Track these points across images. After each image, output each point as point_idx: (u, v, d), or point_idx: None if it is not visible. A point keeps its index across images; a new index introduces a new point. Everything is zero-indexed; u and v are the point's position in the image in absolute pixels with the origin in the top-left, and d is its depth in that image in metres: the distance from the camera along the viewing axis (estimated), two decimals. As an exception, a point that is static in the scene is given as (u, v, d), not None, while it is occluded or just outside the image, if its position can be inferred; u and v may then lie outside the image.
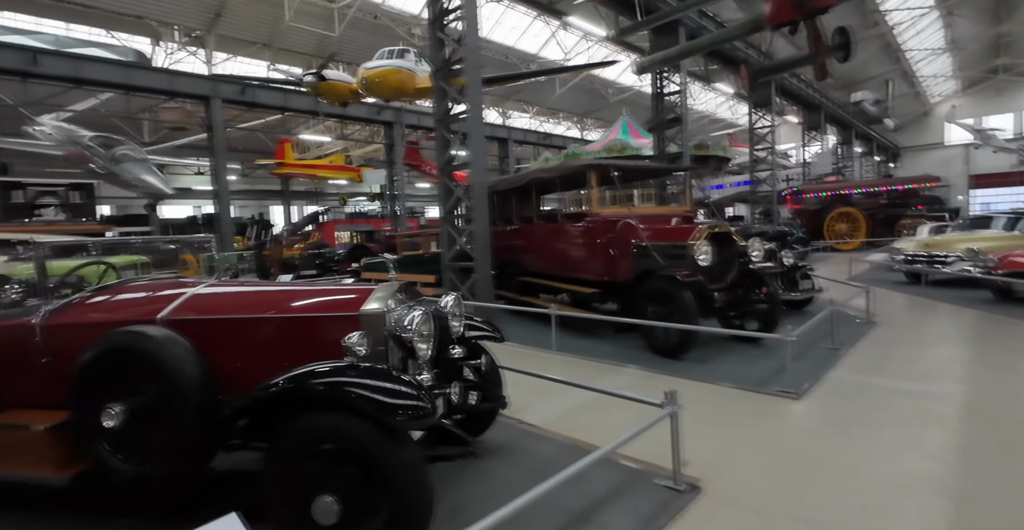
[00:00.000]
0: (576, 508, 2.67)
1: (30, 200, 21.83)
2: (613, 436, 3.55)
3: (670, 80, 13.18)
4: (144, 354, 2.32)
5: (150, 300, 2.75)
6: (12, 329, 2.67)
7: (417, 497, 2.06)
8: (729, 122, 37.94)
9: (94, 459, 2.43)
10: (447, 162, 8.51)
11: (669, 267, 5.52)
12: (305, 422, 2.14)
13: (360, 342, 2.22)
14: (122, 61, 15.72)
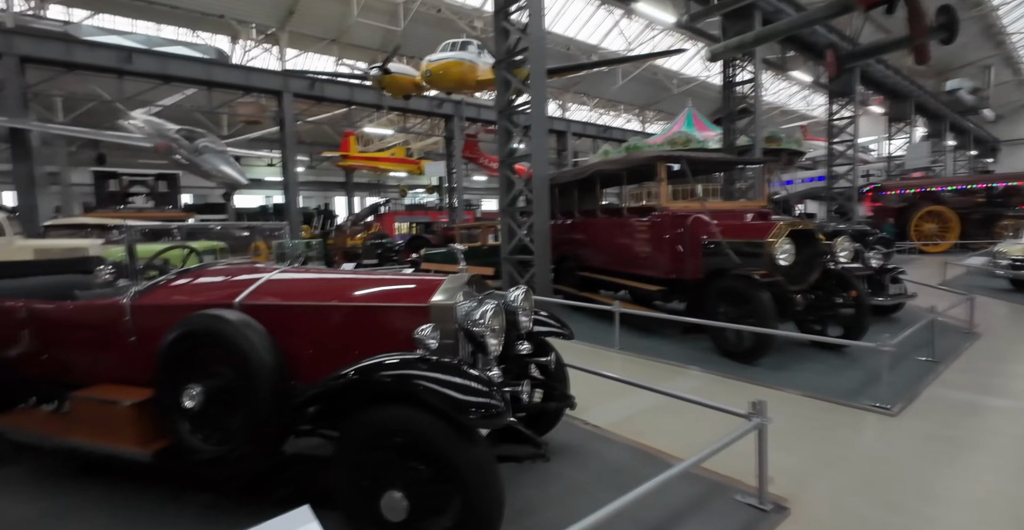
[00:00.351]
0: (651, 521, 2.50)
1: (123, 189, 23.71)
2: (685, 442, 3.37)
3: (742, 68, 12.46)
4: (222, 337, 2.35)
5: (228, 284, 2.81)
6: (104, 308, 2.80)
7: (487, 499, 1.96)
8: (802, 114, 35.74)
9: (174, 437, 2.50)
10: (508, 154, 8.41)
11: (744, 266, 5.17)
12: (376, 414, 2.09)
13: (432, 335, 2.14)
14: (204, 58, 16.65)
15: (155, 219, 17.63)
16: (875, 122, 30.39)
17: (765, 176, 6.55)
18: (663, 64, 26.93)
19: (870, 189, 19.89)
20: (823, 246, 5.29)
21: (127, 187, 23.37)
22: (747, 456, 2.73)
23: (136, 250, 2.85)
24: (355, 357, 2.51)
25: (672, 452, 3.27)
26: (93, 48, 14.63)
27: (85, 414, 2.65)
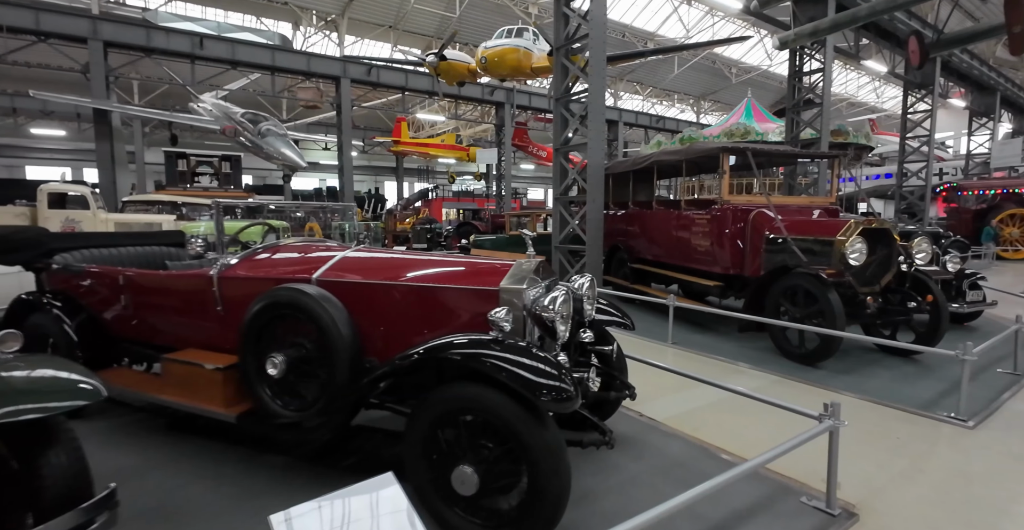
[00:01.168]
0: (714, 517, 2.47)
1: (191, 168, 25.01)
2: (745, 441, 3.31)
3: (812, 57, 11.84)
4: (304, 310, 2.47)
5: (305, 260, 2.94)
6: (193, 278, 2.99)
7: (555, 482, 1.99)
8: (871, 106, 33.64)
9: (256, 401, 2.65)
10: (564, 142, 8.34)
11: (811, 264, 4.96)
12: (450, 391, 2.15)
13: (506, 317, 2.18)
14: (269, 44, 17.25)
15: (219, 198, 18.59)
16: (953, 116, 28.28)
17: (835, 171, 6.22)
18: (723, 52, 25.88)
19: (945, 188, 18.58)
20: (899, 247, 5.00)
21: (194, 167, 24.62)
22: (812, 458, 2.65)
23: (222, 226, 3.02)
24: (424, 336, 2.61)
25: (731, 450, 3.21)
26: (169, 34, 15.41)
27: (176, 375, 2.85)
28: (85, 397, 1.81)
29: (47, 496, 1.76)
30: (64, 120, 25.58)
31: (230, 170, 25.49)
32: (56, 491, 1.77)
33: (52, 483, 1.76)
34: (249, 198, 24.08)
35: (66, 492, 1.78)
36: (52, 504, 1.76)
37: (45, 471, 1.76)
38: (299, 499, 2.55)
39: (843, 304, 4.65)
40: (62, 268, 3.51)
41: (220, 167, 25.22)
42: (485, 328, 2.40)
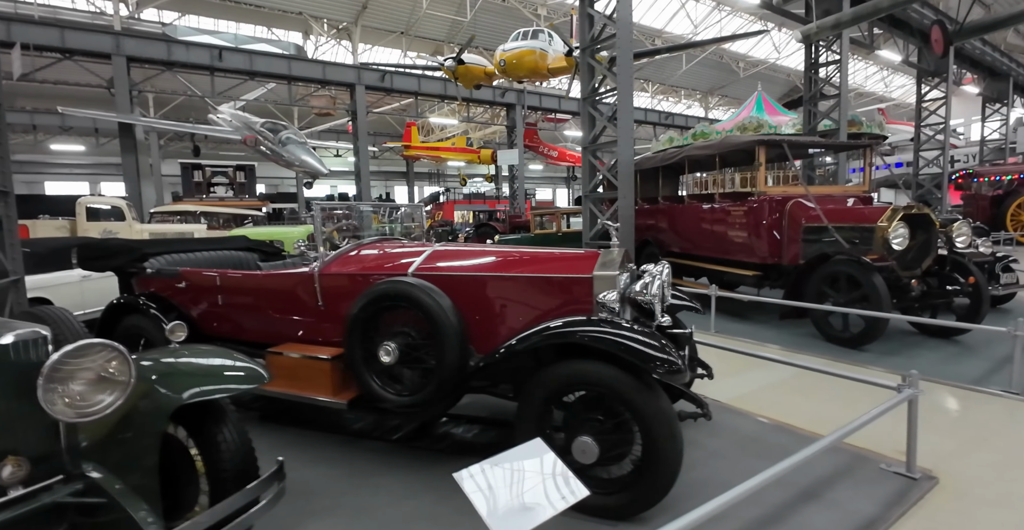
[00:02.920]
0: (802, 484, 2.64)
1: (207, 179, 25.37)
2: (809, 416, 3.48)
3: (829, 49, 11.95)
4: (413, 300, 2.66)
5: (398, 255, 3.13)
6: (296, 277, 3.19)
7: (671, 446, 2.17)
8: (879, 96, 33.58)
9: (364, 387, 2.84)
10: (592, 141, 8.51)
11: (853, 250, 5.11)
12: (565, 369, 2.33)
13: (616, 300, 2.36)
14: (285, 54, 17.55)
15: (235, 207, 18.92)
16: (965, 103, 28.19)
17: (868, 161, 6.36)
18: (730, 46, 25.97)
19: (961, 175, 18.59)
20: (939, 231, 5.14)
21: (210, 177, 25.03)
22: (879, 429, 2.79)
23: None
24: (520, 323, 2.80)
25: (797, 424, 3.38)
26: (189, 47, 15.73)
27: (283, 368, 3.04)
28: (254, 381, 2.00)
29: (221, 474, 1.96)
30: (82, 135, 26.05)
31: (244, 179, 25.89)
32: (229, 468, 1.96)
33: (226, 461, 1.96)
34: (264, 206, 24.44)
35: (237, 469, 1.98)
36: (226, 481, 1.95)
37: (220, 450, 1.96)
38: (408, 478, 2.78)
39: (887, 288, 4.80)
40: (156, 272, 3.73)
41: (235, 177, 25.62)
42: (576, 313, 2.59)
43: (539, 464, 1.77)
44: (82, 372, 1.62)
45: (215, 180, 25.15)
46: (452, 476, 2.34)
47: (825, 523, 2.34)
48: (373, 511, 2.48)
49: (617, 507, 2.29)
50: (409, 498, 2.58)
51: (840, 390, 3.88)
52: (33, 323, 1.69)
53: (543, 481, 1.70)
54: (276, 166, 31.56)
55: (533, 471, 1.74)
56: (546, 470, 1.73)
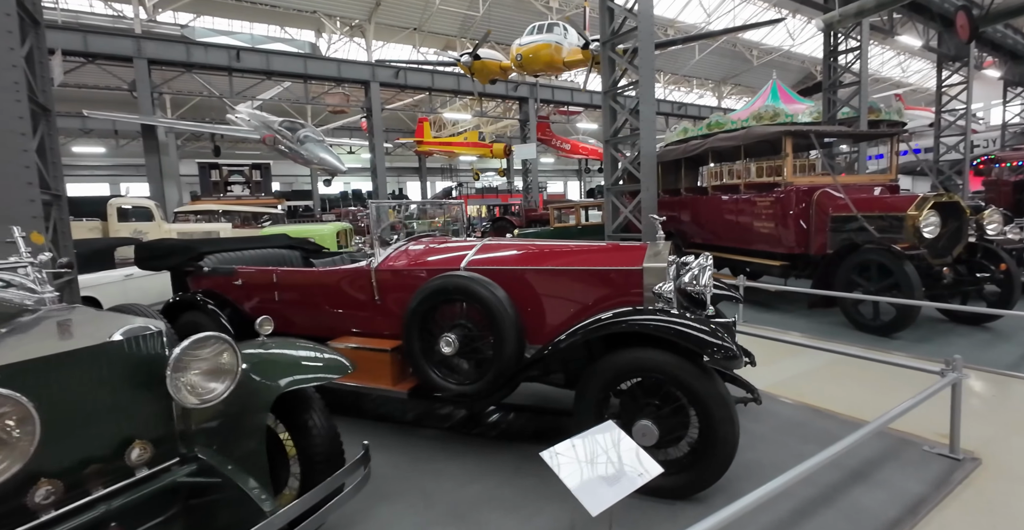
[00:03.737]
0: (849, 465, 2.74)
1: (224, 178, 25.72)
2: (846, 401, 3.57)
3: (849, 36, 11.84)
4: (471, 294, 2.78)
5: (449, 250, 3.26)
6: (353, 273, 3.33)
7: (729, 428, 2.28)
8: (896, 81, 33.00)
9: (422, 377, 2.98)
10: (613, 134, 8.57)
11: (883, 239, 5.15)
12: (623, 357, 2.45)
13: (671, 290, 2.47)
14: (301, 53, 17.72)
15: (252, 206, 19.22)
16: (985, 87, 27.62)
17: (894, 149, 6.37)
18: (743, 34, 25.67)
19: (982, 161, 18.30)
20: (969, 219, 5.17)
21: (227, 177, 25.36)
22: (920, 414, 2.87)
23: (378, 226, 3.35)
24: (570, 315, 2.92)
25: (836, 410, 3.47)
26: (207, 49, 15.96)
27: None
28: (340, 370, 2.14)
29: (313, 457, 2.10)
30: (102, 137, 26.52)
31: (260, 178, 26.20)
32: (319, 452, 2.11)
33: (316, 445, 2.11)
34: (280, 204, 24.74)
35: (327, 452, 2.13)
36: (316, 464, 2.10)
37: (312, 434, 2.10)
38: (467, 463, 2.92)
39: (918, 276, 4.84)
40: (212, 270, 3.90)
41: (251, 175, 25.92)
42: (625, 304, 2.70)
43: (614, 444, 1.89)
44: (199, 362, 1.77)
45: (232, 179, 25.43)
46: (512, 460, 2.47)
47: (876, 502, 2.44)
48: (440, 495, 2.62)
49: (675, 487, 2.41)
50: (472, 482, 2.72)
51: (874, 376, 3.96)
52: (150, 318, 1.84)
53: (619, 459, 1.82)
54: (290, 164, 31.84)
55: (609, 450, 1.86)
56: (621, 450, 1.85)
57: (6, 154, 4.19)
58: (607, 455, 1.84)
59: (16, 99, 4.23)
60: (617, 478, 1.75)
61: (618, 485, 1.71)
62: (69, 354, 1.55)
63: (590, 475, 1.75)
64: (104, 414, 1.63)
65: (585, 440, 1.90)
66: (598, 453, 1.84)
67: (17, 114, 4.24)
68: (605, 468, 1.79)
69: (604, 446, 1.88)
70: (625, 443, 1.90)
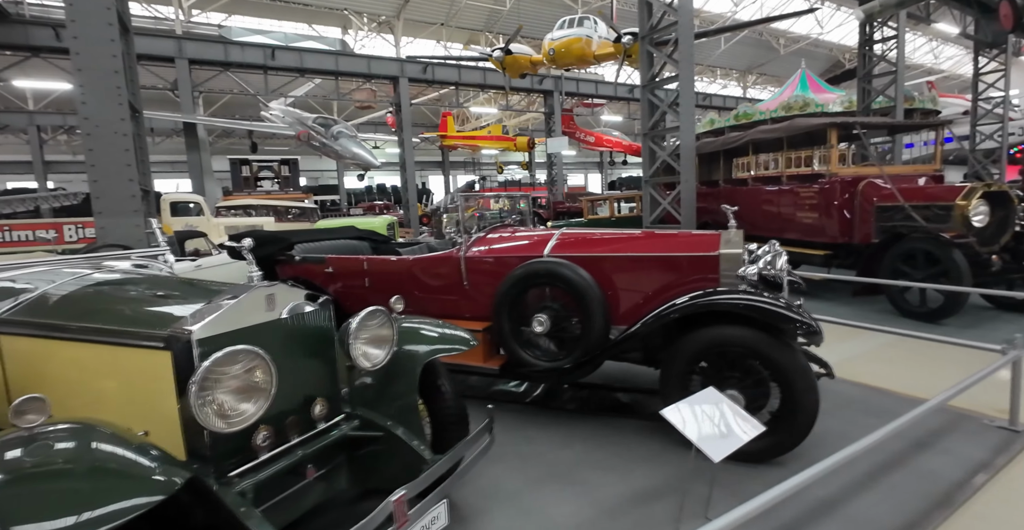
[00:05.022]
0: (912, 437, 2.96)
1: (254, 174, 26.34)
2: (904, 382, 3.77)
3: (885, 25, 11.76)
4: (561, 278, 3.06)
5: (531, 238, 3.54)
6: (443, 260, 3.63)
7: (810, 397, 2.53)
8: (928, 68, 32.24)
9: (511, 355, 3.27)
10: (652, 127, 8.74)
11: (930, 228, 5.29)
12: (708, 333, 2.70)
13: (755, 274, 2.71)
14: (332, 50, 18.09)
15: (283, 200, 19.78)
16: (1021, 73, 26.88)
17: (939, 138, 6.45)
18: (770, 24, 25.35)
19: (1020, 150, 17.97)
20: (1017, 208, 5.27)
21: (257, 172, 26.03)
22: (976, 391, 3.05)
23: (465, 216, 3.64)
24: (648, 297, 3.17)
25: (894, 389, 3.68)
26: (244, 48, 16.41)
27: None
28: (467, 343, 2.44)
29: (445, 419, 2.40)
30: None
31: (289, 173, 26.83)
32: (450, 415, 2.41)
33: (448, 408, 2.40)
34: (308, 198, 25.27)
35: (456, 415, 2.43)
36: (448, 426, 2.39)
37: (444, 398, 2.40)
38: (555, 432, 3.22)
39: (967, 264, 4.98)
40: (303, 259, 4.23)
41: (280, 171, 26.55)
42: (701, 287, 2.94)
43: (717, 407, 2.15)
44: (367, 331, 2.08)
45: (261, 175, 26.12)
46: (595, 429, 2.73)
47: (942, 465, 2.66)
48: (537, 458, 2.91)
49: (757, 452, 2.66)
50: (563, 448, 3.01)
51: (924, 358, 4.17)
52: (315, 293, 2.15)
53: (724, 419, 2.09)
54: (317, 159, 32.39)
55: (714, 412, 2.12)
56: (724, 411, 2.11)
57: (113, 153, 4.59)
58: (714, 416, 2.11)
59: (119, 102, 4.61)
60: (726, 434, 2.01)
61: (729, 438, 1.98)
62: (277, 321, 1.87)
63: (704, 431, 2.01)
64: (300, 372, 1.95)
65: (692, 404, 2.17)
66: (706, 414, 2.11)
67: (120, 116, 4.63)
68: (714, 426, 2.06)
69: (709, 408, 2.14)
70: (727, 406, 2.16)
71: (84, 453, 1.29)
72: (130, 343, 1.74)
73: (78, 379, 1.92)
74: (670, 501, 2.44)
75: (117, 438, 1.37)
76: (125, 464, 1.29)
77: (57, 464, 1.24)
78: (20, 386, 2.11)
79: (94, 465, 1.26)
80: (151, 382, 1.71)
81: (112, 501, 1.17)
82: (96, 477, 1.24)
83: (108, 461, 1.28)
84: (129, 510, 1.16)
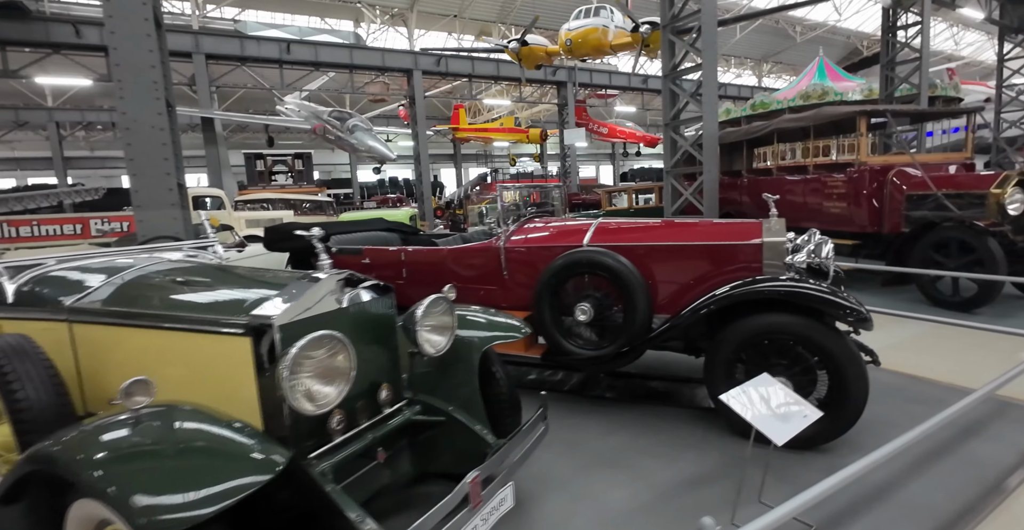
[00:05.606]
0: (960, 423, 2.95)
1: (268, 168, 26.52)
2: (944, 370, 3.77)
3: (909, 11, 11.53)
4: (604, 267, 3.08)
5: (568, 229, 3.56)
6: (484, 250, 3.67)
7: (860, 384, 2.55)
8: (947, 55, 31.54)
9: (552, 343, 3.31)
10: (674, 117, 8.68)
11: (963, 216, 5.23)
12: (756, 321, 2.71)
13: (804, 261, 2.71)
14: (347, 44, 18.10)
15: (295, 194, 19.92)
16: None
17: (971, 126, 6.35)
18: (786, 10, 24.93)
19: (1045, 137, 17.56)
20: (1052, 195, 5.19)
21: (271, 166, 26.21)
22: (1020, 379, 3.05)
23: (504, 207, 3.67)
24: (690, 287, 3.18)
25: (935, 378, 3.68)
26: (260, 42, 16.46)
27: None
28: (520, 331, 2.47)
29: (499, 404, 2.44)
30: (154, 130, 27.57)
31: (302, 167, 26.98)
32: (505, 400, 2.45)
33: (503, 393, 2.45)
34: (322, 192, 25.43)
35: (511, 400, 2.47)
36: (503, 410, 2.43)
37: (499, 384, 2.44)
38: (599, 420, 3.24)
39: (1002, 252, 4.92)
40: (339, 250, 4.29)
41: (293, 165, 26.71)
42: (744, 275, 2.95)
43: (772, 392, 2.17)
44: (429, 319, 2.12)
45: (275, 168, 26.30)
46: (638, 418, 2.74)
47: (991, 452, 2.67)
48: (584, 445, 2.95)
49: (805, 438, 2.66)
50: (609, 435, 3.05)
51: (960, 346, 4.17)
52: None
53: (781, 404, 2.11)
54: (329, 153, 32.50)
55: (770, 397, 2.15)
56: (781, 397, 2.13)
57: (152, 148, 4.67)
58: (770, 401, 2.13)
59: (156, 97, 4.68)
60: (786, 418, 2.04)
61: (790, 422, 2.00)
62: (347, 309, 1.92)
63: (763, 414, 2.04)
64: (367, 358, 1.99)
65: (748, 389, 2.19)
66: (763, 399, 2.13)
67: (157, 111, 4.70)
68: (772, 411, 2.08)
69: (765, 394, 2.16)
70: (783, 391, 2.18)
71: (192, 433, 1.35)
72: (209, 330, 1.80)
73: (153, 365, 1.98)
74: (720, 487, 2.48)
75: (218, 420, 1.42)
76: (231, 444, 1.34)
77: (169, 443, 1.30)
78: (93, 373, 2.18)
79: (204, 445, 1.32)
80: (230, 367, 1.77)
81: (225, 479, 1.22)
82: (207, 456, 1.29)
83: (215, 441, 1.34)
84: (242, 488, 1.22)
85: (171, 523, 1.11)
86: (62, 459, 1.26)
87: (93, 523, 1.45)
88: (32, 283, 2.45)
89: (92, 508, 1.36)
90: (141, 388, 1.35)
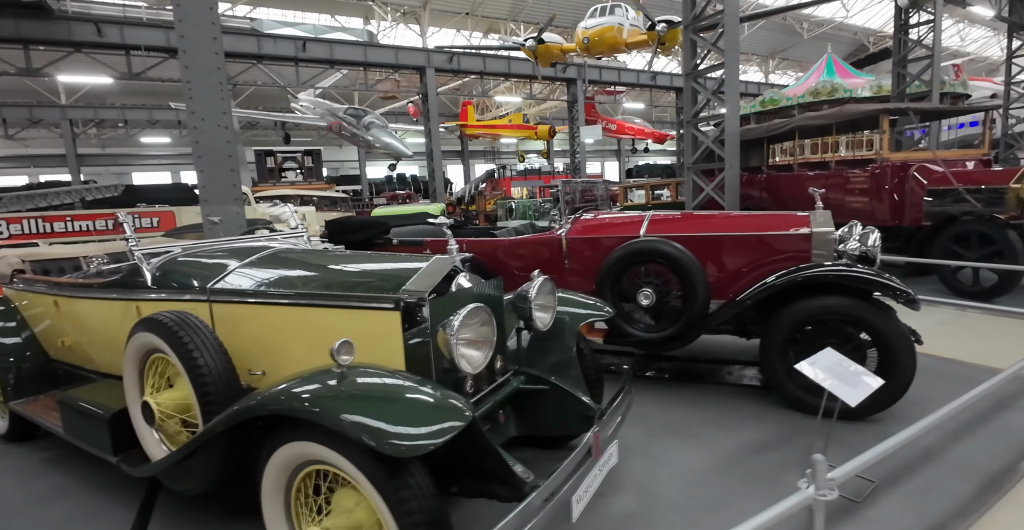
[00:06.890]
0: (993, 397, 3.22)
1: (279, 165, 26.75)
2: (971, 352, 4.05)
3: (922, 9, 11.74)
4: (665, 255, 3.35)
5: (624, 220, 3.83)
6: (546, 241, 3.94)
7: (910, 359, 2.83)
8: (953, 51, 31.71)
9: (613, 328, 3.58)
10: (695, 115, 8.94)
11: (984, 210, 5.50)
12: (810, 303, 2.98)
13: (856, 249, 2.99)
14: (361, 41, 18.30)
15: (305, 190, 20.17)
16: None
17: (987, 122, 6.61)
18: (793, 7, 25.11)
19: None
20: (1070, 189, 5.45)
21: (281, 163, 26.45)
22: None
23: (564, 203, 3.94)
24: (742, 275, 3.45)
25: (963, 359, 3.95)
26: (276, 41, 16.67)
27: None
28: (604, 311, 2.74)
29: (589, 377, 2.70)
30: (167, 128, 27.81)
31: (312, 164, 27.22)
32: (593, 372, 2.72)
33: (590, 366, 2.72)
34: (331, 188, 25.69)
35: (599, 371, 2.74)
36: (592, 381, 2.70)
37: (586, 358, 2.71)
38: (654, 398, 3.52)
39: (1022, 244, 5.19)
40: (399, 242, 4.56)
41: (303, 161, 26.95)
42: (794, 263, 3.22)
43: (838, 364, 2.44)
44: (539, 299, 2.39)
45: (286, 165, 26.53)
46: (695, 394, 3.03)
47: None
48: (644, 418, 3.22)
49: (857, 409, 2.92)
50: (670, 408, 3.33)
51: (982, 331, 4.45)
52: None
53: (847, 372, 2.38)
54: (338, 150, 32.71)
55: (836, 367, 2.42)
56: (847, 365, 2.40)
57: (217, 145, 4.95)
58: (837, 370, 2.40)
59: (220, 97, 4.95)
60: (854, 383, 2.31)
61: (858, 387, 2.27)
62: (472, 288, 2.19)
63: (838, 378, 2.31)
64: (489, 332, 2.26)
65: (815, 361, 2.46)
66: (831, 370, 2.40)
67: (222, 110, 4.97)
68: (840, 378, 2.36)
69: (832, 365, 2.43)
70: (847, 362, 2.45)
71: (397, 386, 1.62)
72: (363, 306, 2.06)
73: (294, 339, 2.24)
74: (780, 452, 2.76)
75: (411, 377, 1.69)
76: (430, 396, 1.61)
77: (381, 392, 1.57)
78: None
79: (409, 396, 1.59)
80: (379, 339, 2.03)
81: (434, 422, 1.49)
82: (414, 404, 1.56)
83: (417, 393, 1.61)
84: (448, 430, 1.48)
85: (402, 449, 1.38)
86: (293, 401, 1.54)
87: (292, 467, 1.72)
88: (163, 269, 2.71)
89: (302, 450, 1.64)
90: (347, 348, 1.62)
